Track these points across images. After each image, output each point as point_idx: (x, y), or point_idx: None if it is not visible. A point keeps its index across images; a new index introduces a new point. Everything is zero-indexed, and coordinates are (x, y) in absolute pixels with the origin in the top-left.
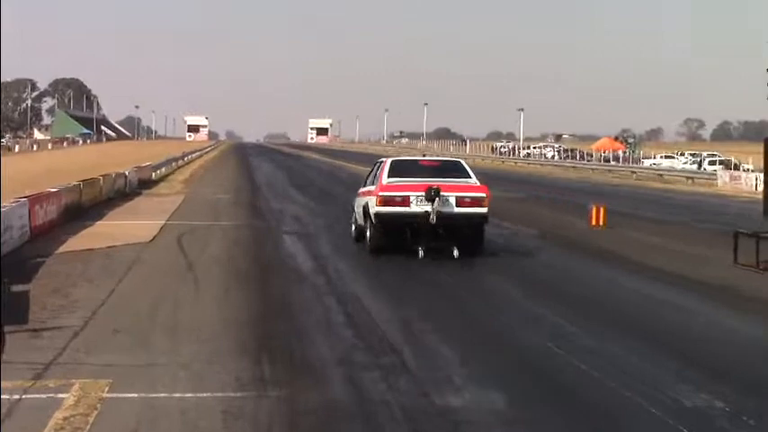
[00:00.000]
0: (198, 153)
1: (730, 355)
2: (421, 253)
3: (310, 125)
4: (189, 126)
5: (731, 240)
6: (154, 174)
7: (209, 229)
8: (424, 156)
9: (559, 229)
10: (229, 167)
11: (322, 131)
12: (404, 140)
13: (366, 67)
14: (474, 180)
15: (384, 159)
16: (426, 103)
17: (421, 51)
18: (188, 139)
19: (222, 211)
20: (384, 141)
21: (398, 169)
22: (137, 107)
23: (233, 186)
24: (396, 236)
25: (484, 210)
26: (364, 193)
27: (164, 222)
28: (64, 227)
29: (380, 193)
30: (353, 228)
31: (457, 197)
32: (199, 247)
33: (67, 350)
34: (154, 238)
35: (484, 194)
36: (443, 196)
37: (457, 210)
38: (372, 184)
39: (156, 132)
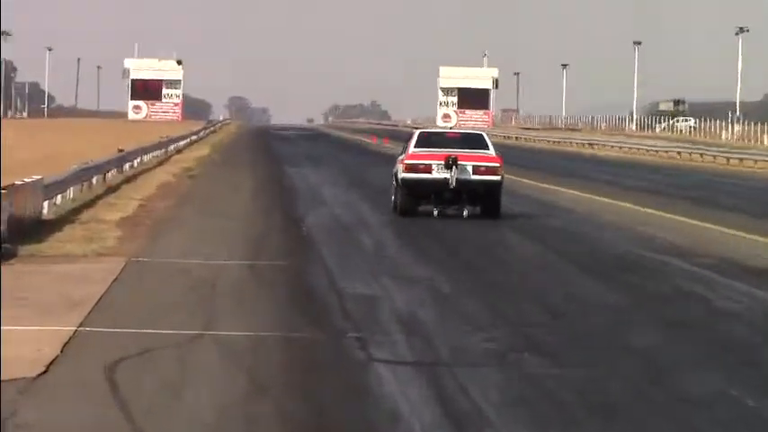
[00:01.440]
0: (157, 154)
1: None
2: (435, 212)
3: (442, 83)
4: (134, 83)
5: None
6: (47, 204)
7: (183, 362)
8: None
9: None
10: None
11: (474, 98)
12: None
13: None
14: (492, 151)
15: (415, 131)
16: None
17: None
18: (133, 116)
19: (223, 304)
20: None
21: (425, 140)
22: (49, 50)
23: (249, 217)
24: (421, 199)
25: (497, 177)
26: (398, 162)
27: (57, 353)
28: None
29: (406, 161)
30: (392, 197)
31: (474, 166)
32: None
33: None
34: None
35: (498, 164)
36: (461, 165)
37: (474, 177)
38: (403, 153)
39: (53, 100)
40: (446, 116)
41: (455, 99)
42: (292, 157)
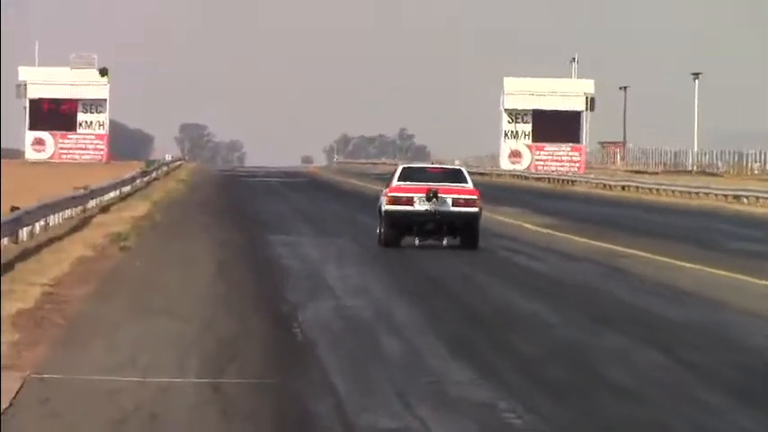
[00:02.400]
0: None
1: None
2: (416, 242)
3: (509, 102)
4: (34, 105)
5: None
6: None
7: None
8: (432, 164)
9: None
10: None
11: (558, 126)
12: None
13: None
14: (470, 185)
15: (399, 165)
16: None
17: None
18: (33, 155)
19: None
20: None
21: (408, 174)
22: None
23: None
24: (403, 231)
25: (476, 209)
26: (382, 195)
27: None
28: None
29: (389, 194)
30: (378, 230)
31: (453, 198)
32: None
33: None
34: None
35: (476, 196)
36: (441, 197)
37: (453, 209)
38: (387, 186)
39: None
40: (515, 154)
41: (528, 128)
42: (277, 219)
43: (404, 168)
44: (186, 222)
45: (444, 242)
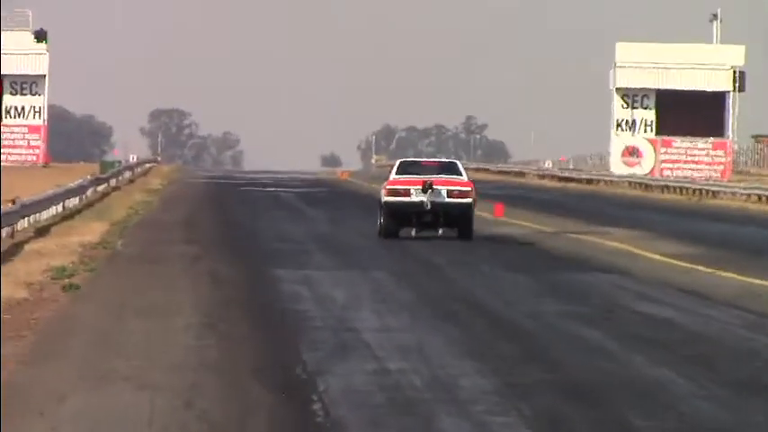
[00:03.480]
0: None
1: None
2: (413, 232)
3: (621, 78)
4: None
5: None
6: None
7: None
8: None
9: None
10: None
11: (693, 112)
12: None
13: None
14: (464, 177)
15: (397, 161)
16: None
17: None
18: None
19: None
20: None
21: (405, 168)
22: None
23: None
24: (401, 222)
25: (469, 200)
26: (382, 188)
27: None
28: None
29: (388, 186)
30: (378, 222)
31: (447, 190)
32: None
33: None
34: None
35: (469, 188)
36: (436, 189)
37: (447, 200)
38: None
39: None
40: (631, 153)
41: (651, 115)
42: (289, 246)
43: (401, 162)
44: (160, 252)
45: (440, 231)
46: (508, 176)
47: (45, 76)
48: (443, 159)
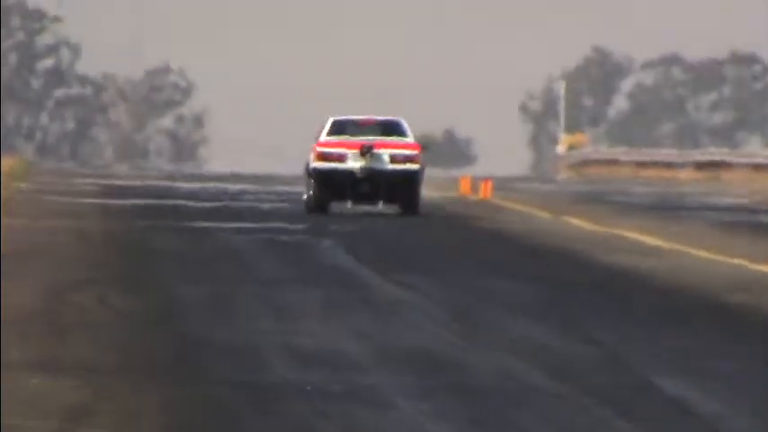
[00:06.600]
0: None
1: None
2: (349, 204)
3: None
4: None
5: None
6: None
7: None
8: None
9: None
10: None
11: None
12: None
13: None
14: (410, 139)
15: (329, 118)
16: None
17: None
18: None
19: None
20: None
21: (338, 127)
22: None
23: None
24: (334, 194)
25: (415, 167)
26: (310, 152)
27: None
28: None
29: (317, 149)
30: (304, 195)
31: (390, 154)
32: None
33: None
34: None
35: (416, 151)
36: (376, 153)
37: (390, 167)
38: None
39: None
40: None
41: None
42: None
43: (334, 121)
44: None
45: (380, 206)
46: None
47: None
48: (385, 117)
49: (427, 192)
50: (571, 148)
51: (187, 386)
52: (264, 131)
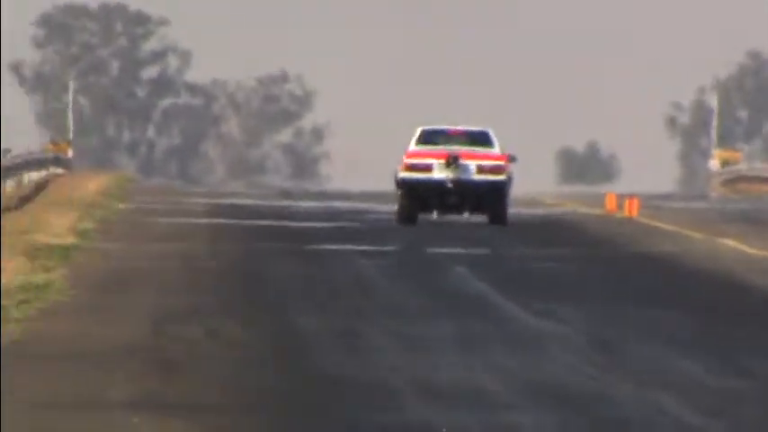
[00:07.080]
0: None
1: None
2: (435, 214)
3: None
4: None
5: None
6: None
7: None
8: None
9: None
10: None
11: None
12: None
13: None
14: (497, 149)
15: (420, 128)
16: None
17: None
18: None
19: None
20: None
21: (427, 137)
22: None
23: None
24: (423, 204)
25: (502, 177)
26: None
27: None
28: None
29: (405, 160)
30: (396, 207)
31: (477, 165)
32: None
33: None
34: None
35: (502, 162)
36: (463, 164)
37: (476, 177)
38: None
39: None
40: None
41: None
42: None
43: (423, 131)
44: None
45: (466, 215)
46: None
47: None
48: (473, 128)
49: (575, 207)
50: (725, 164)
51: (311, 428)
52: (392, 145)
